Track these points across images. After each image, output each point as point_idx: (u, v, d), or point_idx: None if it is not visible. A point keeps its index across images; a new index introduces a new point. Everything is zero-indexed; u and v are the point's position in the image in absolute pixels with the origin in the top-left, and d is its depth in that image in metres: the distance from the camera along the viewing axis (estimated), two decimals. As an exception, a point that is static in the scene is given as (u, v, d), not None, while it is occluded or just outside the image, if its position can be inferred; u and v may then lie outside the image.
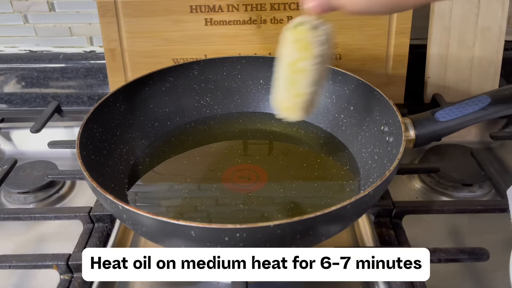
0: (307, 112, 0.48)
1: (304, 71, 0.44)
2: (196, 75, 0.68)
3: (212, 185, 0.56)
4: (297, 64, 0.44)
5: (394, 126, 0.53)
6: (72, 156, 0.73)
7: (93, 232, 0.53)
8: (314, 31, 0.42)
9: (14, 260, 0.48)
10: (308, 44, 0.42)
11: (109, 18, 0.71)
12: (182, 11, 0.71)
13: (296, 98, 0.46)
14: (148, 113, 0.65)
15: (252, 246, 0.39)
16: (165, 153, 0.61)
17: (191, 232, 0.38)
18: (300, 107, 0.47)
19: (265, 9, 0.71)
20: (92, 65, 0.81)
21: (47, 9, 0.79)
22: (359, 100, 0.61)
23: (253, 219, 0.51)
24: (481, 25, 0.71)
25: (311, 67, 0.43)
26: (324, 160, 0.60)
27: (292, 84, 0.45)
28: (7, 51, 0.83)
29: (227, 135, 0.66)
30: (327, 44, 0.43)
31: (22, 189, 0.64)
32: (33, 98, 0.83)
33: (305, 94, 0.45)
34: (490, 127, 0.74)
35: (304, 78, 0.44)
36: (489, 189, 0.63)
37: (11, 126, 0.78)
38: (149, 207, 0.53)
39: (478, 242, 0.49)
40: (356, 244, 0.56)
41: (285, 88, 0.46)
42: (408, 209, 0.55)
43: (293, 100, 0.46)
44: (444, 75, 0.74)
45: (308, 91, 0.45)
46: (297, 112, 0.48)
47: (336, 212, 0.40)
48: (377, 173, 0.54)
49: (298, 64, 0.44)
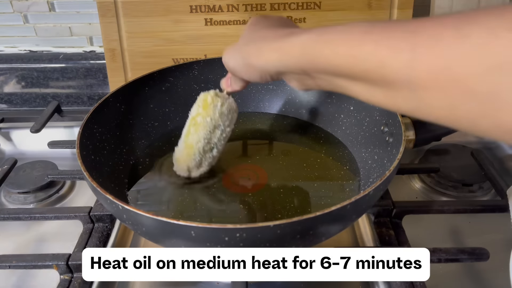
0: (191, 169, 0.53)
1: (199, 125, 0.50)
2: (196, 75, 0.68)
3: (212, 185, 0.55)
4: (196, 118, 0.50)
5: (394, 126, 0.53)
6: (72, 156, 0.73)
7: (93, 232, 0.53)
8: (219, 97, 0.50)
9: (14, 260, 0.48)
10: (209, 104, 0.49)
11: (109, 18, 0.71)
12: (182, 11, 0.71)
13: (186, 150, 0.51)
14: (148, 113, 0.65)
15: (252, 246, 0.39)
16: (165, 153, 0.61)
17: (191, 232, 0.38)
18: (187, 160, 0.52)
19: (265, 9, 0.71)
20: (92, 65, 0.81)
21: (47, 9, 0.79)
22: (359, 100, 0.61)
23: (253, 219, 0.51)
24: (481, 25, 0.71)
25: (206, 122, 0.50)
26: (324, 160, 0.60)
27: (187, 135, 0.51)
28: (7, 51, 0.83)
29: (227, 135, 0.66)
30: (227, 113, 0.51)
31: (22, 189, 0.64)
32: (33, 98, 0.83)
33: (195, 148, 0.51)
34: (490, 127, 0.74)
35: (198, 131, 0.50)
36: (489, 189, 0.63)
37: (11, 126, 0.78)
38: (149, 206, 0.53)
39: (478, 242, 0.50)
40: (356, 244, 0.56)
41: (182, 140, 0.52)
42: (408, 209, 0.55)
43: (183, 151, 0.52)
44: (444, 75, 0.74)
45: (198, 145, 0.50)
46: (183, 165, 0.53)
47: (336, 212, 0.40)
48: (377, 173, 0.54)
49: (196, 118, 0.50)
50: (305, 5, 0.71)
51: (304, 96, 0.68)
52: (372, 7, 0.70)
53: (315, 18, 0.71)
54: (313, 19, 0.71)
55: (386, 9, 0.70)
